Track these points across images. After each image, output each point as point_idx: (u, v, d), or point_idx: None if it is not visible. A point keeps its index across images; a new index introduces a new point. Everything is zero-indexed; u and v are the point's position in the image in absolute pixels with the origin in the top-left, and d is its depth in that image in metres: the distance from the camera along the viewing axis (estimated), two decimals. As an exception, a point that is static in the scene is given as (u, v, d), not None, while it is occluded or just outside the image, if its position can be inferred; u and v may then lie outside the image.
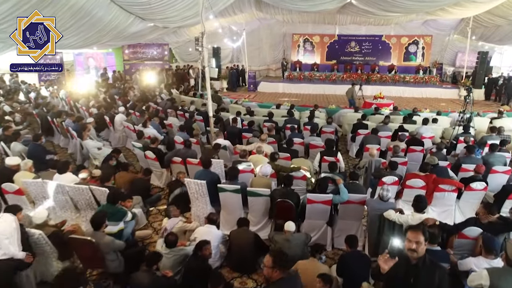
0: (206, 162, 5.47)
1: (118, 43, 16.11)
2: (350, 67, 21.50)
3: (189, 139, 7.23)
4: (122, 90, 14.47)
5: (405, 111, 11.90)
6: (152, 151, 6.80)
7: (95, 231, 3.83)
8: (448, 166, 6.37)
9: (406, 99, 18.08)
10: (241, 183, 5.09)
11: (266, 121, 9.51)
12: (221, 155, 7.16)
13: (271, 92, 19.82)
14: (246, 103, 13.45)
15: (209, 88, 7.86)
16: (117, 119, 9.61)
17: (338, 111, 12.36)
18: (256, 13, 17.65)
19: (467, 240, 4.08)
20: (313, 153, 7.72)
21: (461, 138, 8.14)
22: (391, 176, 5.60)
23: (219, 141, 7.17)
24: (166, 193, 6.45)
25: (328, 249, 4.99)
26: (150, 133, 8.28)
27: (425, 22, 21.71)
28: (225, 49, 22.49)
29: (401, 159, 6.58)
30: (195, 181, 5.08)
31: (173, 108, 10.97)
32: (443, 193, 5.49)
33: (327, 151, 6.72)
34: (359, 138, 8.75)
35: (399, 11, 14.08)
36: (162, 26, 13.91)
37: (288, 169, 5.87)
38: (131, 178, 6.08)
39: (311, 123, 9.12)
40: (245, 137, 8.23)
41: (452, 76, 22.23)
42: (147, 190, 6.06)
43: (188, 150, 6.71)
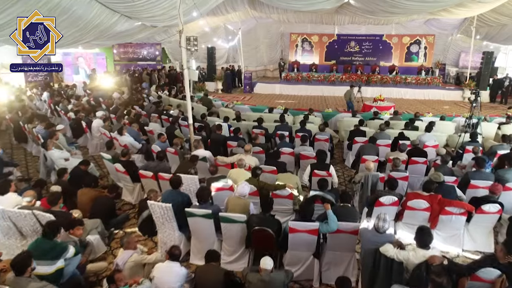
0: (174, 181, 4.71)
1: (105, 43, 15.35)
2: (350, 68, 20.76)
3: (163, 150, 6.47)
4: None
5: (407, 116, 11.14)
6: (122, 163, 6.06)
7: (17, 277, 3.07)
8: (455, 182, 5.60)
9: (407, 101, 17.32)
10: (213, 207, 4.35)
11: (255, 127, 8.77)
12: (201, 168, 6.42)
13: (267, 93, 19.16)
14: (239, 106, 12.72)
15: (188, 92, 7.07)
16: (94, 124, 8.89)
17: (335, 116, 11.60)
18: (250, 11, 16.90)
19: (482, 283, 3.34)
20: (304, 164, 6.97)
21: (468, 147, 7.36)
22: (390, 196, 4.85)
23: (198, 152, 6.42)
24: (137, 211, 5.71)
25: (315, 285, 4.23)
26: (126, 141, 7.55)
27: (427, 21, 20.96)
28: (220, 49, 21.76)
29: (401, 173, 5.82)
30: (159, 204, 4.33)
31: (157, 113, 10.23)
32: (450, 216, 4.73)
33: (318, 164, 5.96)
34: (356, 146, 7.99)
35: (399, 11, 13.31)
36: (150, 25, 13.17)
37: (272, 187, 5.13)
38: (94, 196, 5.34)
39: (304, 129, 8.36)
40: (230, 146, 7.48)
41: (455, 77, 21.43)
42: (111, 210, 5.33)
43: (160, 163, 5.95)
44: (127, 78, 17.48)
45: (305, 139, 7.09)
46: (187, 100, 7.22)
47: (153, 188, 5.47)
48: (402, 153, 6.72)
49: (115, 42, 16.88)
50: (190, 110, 7.30)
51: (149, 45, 19.75)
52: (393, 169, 5.93)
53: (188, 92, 7.06)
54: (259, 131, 8.58)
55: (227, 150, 7.56)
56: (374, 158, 6.68)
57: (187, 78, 6.88)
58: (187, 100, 7.22)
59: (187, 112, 9.67)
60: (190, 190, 5.33)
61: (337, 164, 8.61)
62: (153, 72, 18.88)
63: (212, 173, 5.34)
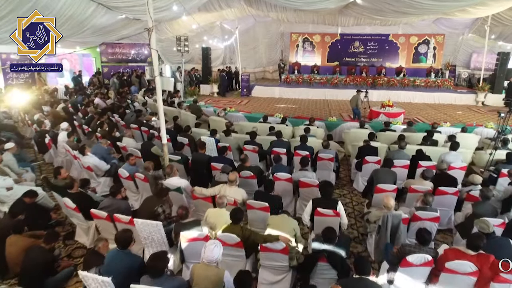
0: (121, 240, 3.38)
1: (87, 40, 13.94)
2: (354, 70, 19.44)
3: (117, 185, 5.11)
4: (88, 97, 12.39)
5: (421, 126, 9.81)
6: (72, 197, 4.75)
7: None
8: (501, 226, 4.30)
9: (416, 106, 15.99)
10: (172, 282, 3.02)
11: (247, 142, 7.46)
12: (175, 200, 5.12)
13: (266, 97, 17.95)
14: (232, 114, 11.40)
15: (161, 105, 5.70)
16: (60, 138, 7.61)
17: (340, 125, 10.28)
18: (247, 8, 15.57)
19: None
20: (305, 193, 5.67)
21: (504, 171, 6.04)
22: (421, 255, 3.54)
23: (171, 182, 5.11)
24: (83, 267, 4.39)
25: None
26: (89, 163, 6.24)
27: (436, 20, 19.65)
28: (215, 50, 20.46)
29: (430, 213, 4.50)
30: (93, 277, 3.01)
31: (138, 123, 8.92)
32: (507, 286, 3.41)
33: (323, 199, 4.64)
34: (367, 168, 6.69)
35: (414, 12, 11.94)
36: (133, 17, 11.84)
37: (261, 239, 3.82)
38: (26, 246, 4.05)
39: (304, 146, 7.05)
40: (215, 169, 6.15)
41: (467, 80, 20.07)
42: (48, 264, 4.02)
43: (114, 201, 4.62)
44: (115, 81, 16.18)
45: (305, 162, 5.75)
46: (159, 115, 5.86)
47: (106, 233, 4.18)
48: (426, 181, 5.40)
49: (99, 40, 15.49)
50: (163, 124, 5.93)
51: (139, 46, 18.42)
52: (421, 206, 4.60)
53: (161, 105, 5.70)
54: (252, 148, 7.28)
55: (211, 173, 6.25)
56: (392, 187, 5.36)
57: (159, 88, 5.52)
58: (159, 116, 5.87)
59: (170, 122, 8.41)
60: (153, 241, 4.02)
61: (343, 187, 7.30)
62: (143, 75, 17.60)
63: (181, 218, 4.03)
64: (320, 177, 6.99)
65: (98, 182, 6.43)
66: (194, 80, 18.78)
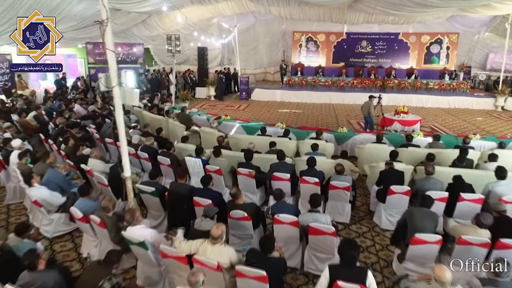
0: None
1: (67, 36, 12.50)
2: (361, 71, 18.00)
3: (33, 250, 3.62)
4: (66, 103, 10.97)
5: (446, 139, 8.33)
6: None
7: None
8: None
9: (430, 111, 14.59)
10: None
11: (242, 164, 6.04)
12: (140, 258, 3.71)
13: (267, 100, 16.69)
14: (227, 123, 9.98)
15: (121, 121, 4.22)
16: (11, 159, 6.21)
17: (351, 137, 8.85)
18: (245, 2, 14.12)
19: None
20: (316, 242, 4.25)
21: None
22: None
23: (132, 232, 3.69)
24: None
25: None
26: (37, 197, 4.83)
27: (450, 18, 18.23)
28: (213, 50, 19.09)
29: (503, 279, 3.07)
30: None
31: (114, 137, 7.49)
32: None
33: (344, 267, 3.22)
34: (392, 199, 5.29)
35: (439, 4, 10.41)
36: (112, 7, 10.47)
37: None
38: None
39: (312, 171, 5.63)
40: (199, 205, 4.73)
41: (485, 83, 18.62)
42: None
43: (41, 274, 3.13)
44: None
45: (317, 202, 4.31)
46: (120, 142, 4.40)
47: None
48: (482, 230, 3.97)
49: (80, 36, 13.99)
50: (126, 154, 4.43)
51: (130, 45, 17.00)
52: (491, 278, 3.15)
53: (122, 122, 4.24)
54: (247, 172, 5.87)
55: (194, 211, 4.82)
56: (436, 238, 3.93)
57: (118, 103, 4.07)
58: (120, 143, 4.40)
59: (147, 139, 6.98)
60: None
61: (361, 220, 5.85)
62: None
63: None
64: (332, 211, 5.62)
65: (50, 220, 5.02)
66: (188, 83, 17.38)
